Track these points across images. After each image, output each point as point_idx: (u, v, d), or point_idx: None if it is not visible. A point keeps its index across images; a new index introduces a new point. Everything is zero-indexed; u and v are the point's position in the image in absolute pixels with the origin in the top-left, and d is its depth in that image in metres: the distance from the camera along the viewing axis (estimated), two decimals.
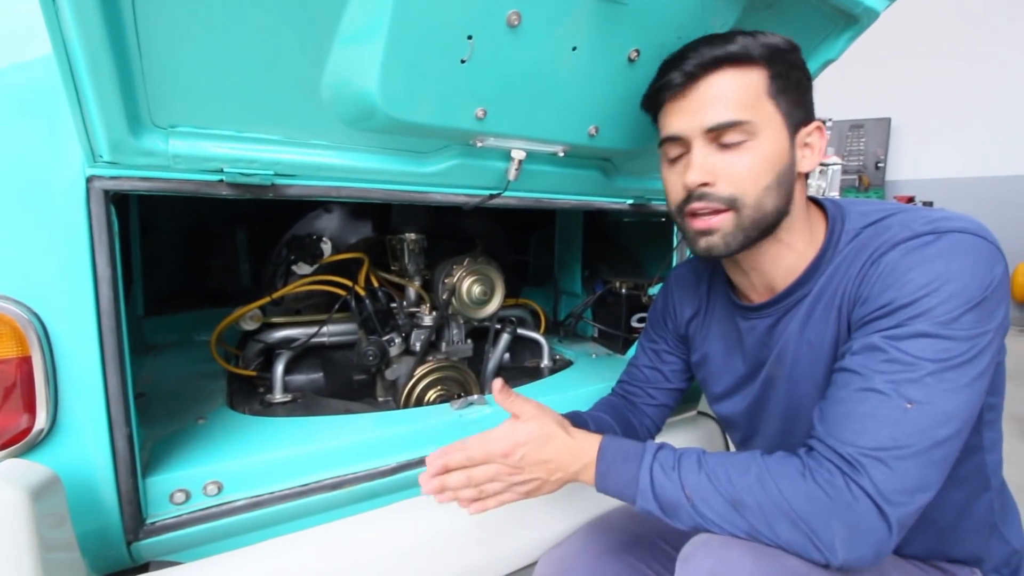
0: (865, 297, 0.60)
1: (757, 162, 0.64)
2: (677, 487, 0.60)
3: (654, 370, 0.93)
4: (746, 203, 0.64)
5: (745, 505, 0.56)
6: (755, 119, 0.63)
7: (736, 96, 0.63)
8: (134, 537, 0.75)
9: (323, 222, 1.28)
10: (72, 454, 0.69)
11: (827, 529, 0.53)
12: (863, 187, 5.62)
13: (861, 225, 0.66)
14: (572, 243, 1.71)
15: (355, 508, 0.90)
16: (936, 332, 0.54)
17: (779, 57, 0.64)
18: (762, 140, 0.64)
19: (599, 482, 0.65)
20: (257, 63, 0.65)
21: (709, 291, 0.85)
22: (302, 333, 1.20)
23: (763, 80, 0.63)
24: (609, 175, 1.07)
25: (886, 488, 0.52)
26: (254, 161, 0.73)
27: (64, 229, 0.66)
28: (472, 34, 0.67)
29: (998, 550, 0.70)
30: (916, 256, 0.57)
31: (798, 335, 0.69)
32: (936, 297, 0.55)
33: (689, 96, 0.66)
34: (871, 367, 0.56)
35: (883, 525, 0.52)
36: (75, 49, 0.54)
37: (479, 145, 0.82)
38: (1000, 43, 4.91)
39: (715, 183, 0.65)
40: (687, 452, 0.63)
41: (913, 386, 0.54)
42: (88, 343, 0.68)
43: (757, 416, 0.78)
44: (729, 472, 0.58)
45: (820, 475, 0.54)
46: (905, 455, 0.52)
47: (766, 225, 0.66)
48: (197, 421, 0.94)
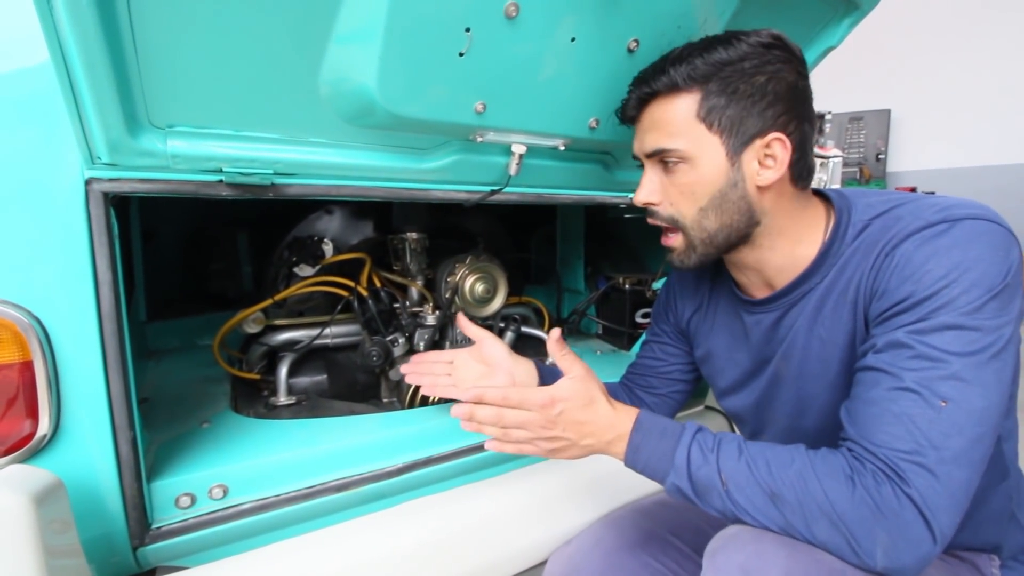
0: (882, 291, 0.59)
1: (690, 185, 0.66)
2: (713, 469, 0.58)
3: (658, 361, 0.93)
4: (685, 224, 0.68)
5: (784, 499, 0.55)
6: (683, 145, 0.65)
7: (666, 124, 0.66)
8: (140, 542, 0.74)
9: (324, 223, 1.28)
10: (76, 459, 0.69)
11: (869, 536, 0.51)
12: (864, 179, 5.60)
13: (869, 216, 0.64)
14: (574, 240, 1.70)
15: (362, 509, 0.89)
16: (961, 323, 0.53)
17: (721, 73, 0.63)
18: (697, 163, 0.65)
19: (630, 454, 0.64)
20: (254, 61, 0.64)
21: (712, 286, 0.85)
22: (305, 335, 1.19)
23: (693, 105, 0.64)
24: (610, 169, 1.07)
25: (932, 497, 0.50)
26: (253, 160, 0.72)
27: (64, 232, 0.65)
28: (470, 26, 0.67)
29: (1016, 538, 0.70)
30: (931, 246, 0.56)
31: (807, 330, 0.68)
32: (957, 287, 0.54)
33: (639, 121, 0.71)
34: (899, 364, 0.55)
35: (928, 536, 0.50)
36: (71, 49, 0.53)
37: (479, 140, 0.82)
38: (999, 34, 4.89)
39: (659, 203, 0.70)
40: (727, 437, 0.62)
41: (945, 383, 0.52)
42: (90, 347, 0.68)
43: (765, 411, 0.77)
44: (770, 463, 0.57)
45: (867, 480, 0.52)
46: (946, 458, 0.51)
47: (720, 242, 0.68)
48: (201, 425, 0.94)
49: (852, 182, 5.56)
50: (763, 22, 0.89)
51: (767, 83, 0.63)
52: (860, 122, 5.66)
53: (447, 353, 0.96)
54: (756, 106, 0.63)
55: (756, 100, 0.63)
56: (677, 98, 0.65)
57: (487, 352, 0.88)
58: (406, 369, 0.96)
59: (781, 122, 0.64)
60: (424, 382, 0.92)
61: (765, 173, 0.65)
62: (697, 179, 0.66)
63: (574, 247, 1.71)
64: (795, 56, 0.65)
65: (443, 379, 0.92)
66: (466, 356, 0.93)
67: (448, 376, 0.92)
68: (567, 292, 1.77)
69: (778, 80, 0.63)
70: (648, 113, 0.69)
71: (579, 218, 1.69)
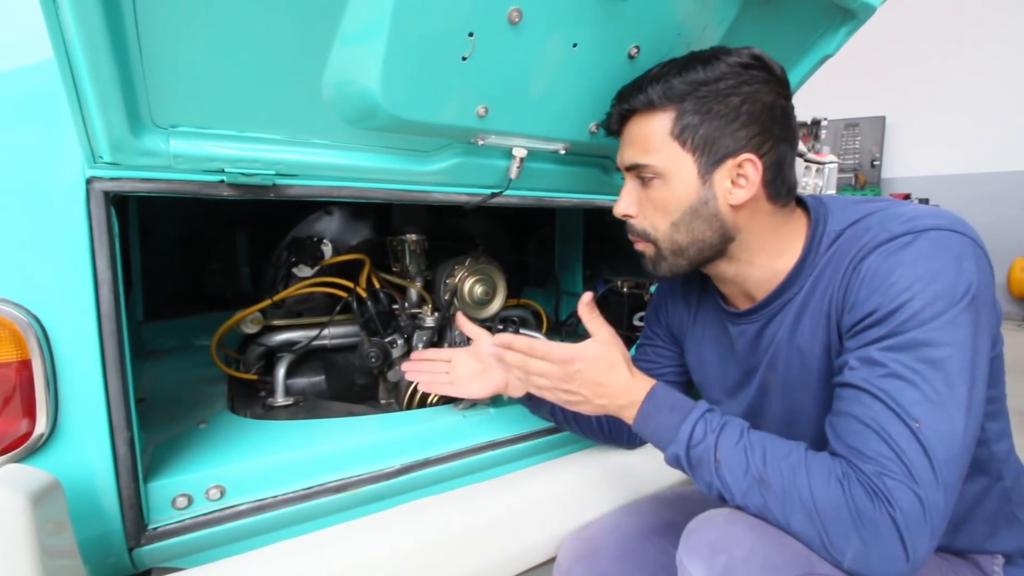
0: (852, 304, 0.60)
1: (662, 200, 0.68)
2: (711, 446, 0.62)
3: (651, 363, 0.94)
4: (657, 237, 0.71)
5: (769, 485, 0.57)
6: (656, 162, 0.67)
7: (642, 140, 0.69)
8: (136, 543, 0.74)
9: (323, 224, 1.28)
10: (73, 459, 0.69)
11: (843, 537, 0.53)
12: (859, 185, 5.65)
13: (843, 225, 0.65)
14: (573, 243, 1.71)
15: (360, 511, 0.89)
16: (928, 339, 0.54)
17: (696, 93, 0.64)
18: (669, 179, 0.67)
19: (638, 420, 0.68)
20: (258, 62, 0.64)
21: (700, 296, 0.86)
22: (303, 336, 1.19)
23: (667, 122, 0.66)
24: (609, 173, 1.07)
25: (915, 522, 0.51)
26: (256, 161, 0.72)
27: (64, 231, 0.65)
28: (473, 31, 0.67)
29: (1019, 537, 0.70)
30: (896, 259, 0.57)
31: (788, 341, 0.69)
32: (920, 299, 0.55)
33: (622, 136, 0.73)
34: (874, 383, 0.56)
35: (902, 555, 0.52)
36: (75, 48, 0.53)
37: (480, 143, 0.82)
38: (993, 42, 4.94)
39: (636, 215, 0.73)
40: (733, 421, 0.64)
41: (918, 404, 0.53)
42: (89, 346, 0.68)
43: (755, 421, 0.77)
44: (766, 451, 0.59)
45: (856, 490, 0.54)
46: (924, 480, 0.52)
47: (691, 255, 0.70)
48: (198, 425, 0.93)
49: (847, 188, 5.61)
50: (762, 30, 0.90)
51: (741, 104, 0.64)
52: (856, 128, 5.71)
53: (446, 352, 0.99)
54: (729, 127, 0.64)
55: (730, 120, 0.64)
56: (653, 116, 0.67)
57: (483, 350, 0.92)
58: (406, 367, 1.00)
59: (755, 143, 0.65)
60: (423, 379, 0.96)
61: (737, 192, 0.66)
62: (669, 195, 0.68)
63: (572, 250, 1.72)
64: (775, 76, 0.66)
65: (441, 377, 0.96)
66: (464, 355, 0.97)
67: (446, 374, 0.96)
68: (565, 295, 1.77)
69: (753, 101, 0.64)
70: (628, 128, 0.71)
71: (578, 221, 1.69)
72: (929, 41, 5.31)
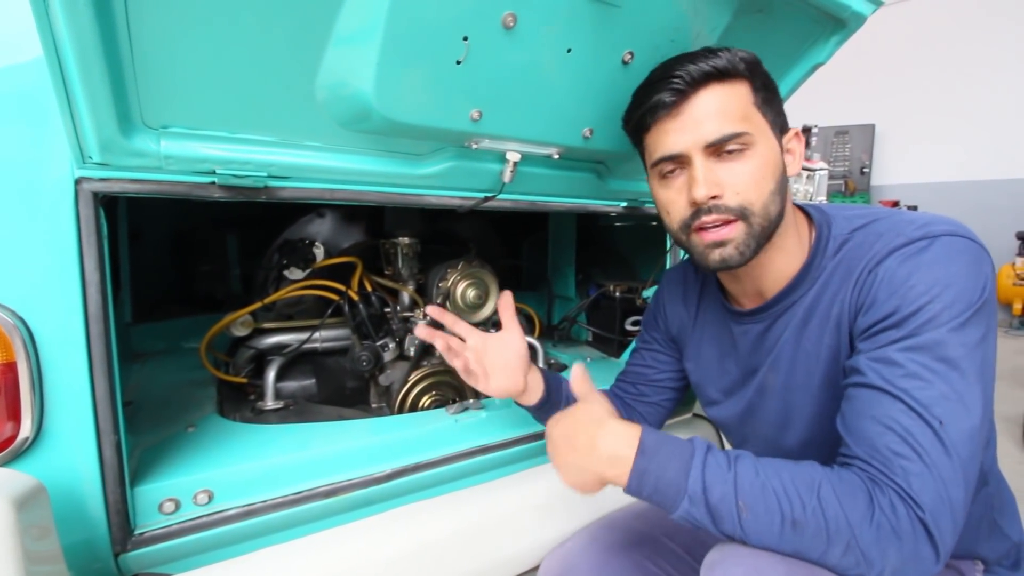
0: (868, 306, 0.60)
1: (759, 169, 0.65)
2: (730, 493, 0.55)
3: (648, 368, 0.93)
4: (754, 211, 0.65)
5: (804, 528, 0.53)
6: (750, 129, 0.65)
7: (730, 109, 0.65)
8: (122, 548, 0.73)
9: (315, 226, 1.27)
10: (58, 463, 0.68)
11: (882, 557, 0.52)
12: (849, 192, 5.71)
13: (848, 230, 0.66)
14: (565, 247, 1.71)
15: (350, 516, 0.88)
16: (946, 340, 0.54)
17: (757, 70, 0.67)
18: (759, 148, 0.65)
19: (634, 481, 0.58)
20: (251, 63, 0.64)
21: (700, 296, 0.86)
22: (294, 339, 1.18)
23: (749, 92, 0.66)
24: (603, 178, 1.08)
25: (941, 519, 0.51)
26: (247, 163, 0.72)
27: (51, 232, 0.65)
28: (467, 35, 0.67)
29: (998, 544, 0.71)
30: (914, 262, 0.58)
31: (794, 343, 0.69)
32: (940, 303, 0.55)
33: (683, 114, 0.65)
34: (893, 383, 0.55)
35: (933, 555, 0.52)
36: (65, 46, 0.53)
37: (474, 147, 0.82)
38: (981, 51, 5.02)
39: (723, 195, 0.65)
40: (741, 455, 0.58)
41: (938, 403, 0.53)
42: (75, 349, 0.67)
43: (749, 421, 0.78)
44: (787, 487, 0.54)
45: (884, 503, 0.52)
46: (946, 478, 0.52)
47: (772, 230, 0.67)
48: (187, 429, 0.92)
49: (837, 195, 5.67)
50: (753, 38, 0.91)
51: (775, 88, 0.69)
52: (845, 136, 5.77)
53: (466, 329, 0.85)
54: (779, 104, 0.69)
55: (777, 100, 0.69)
56: (734, 84, 0.65)
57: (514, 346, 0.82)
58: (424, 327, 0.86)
59: (785, 121, 0.70)
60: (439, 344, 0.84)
61: (793, 162, 0.70)
62: (763, 163, 0.65)
63: (565, 254, 1.72)
64: None
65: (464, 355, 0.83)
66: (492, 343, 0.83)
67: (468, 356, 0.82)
68: (558, 299, 1.77)
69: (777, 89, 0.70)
70: (699, 101, 0.64)
71: (571, 225, 1.70)
72: (919, 50, 5.39)
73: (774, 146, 0.67)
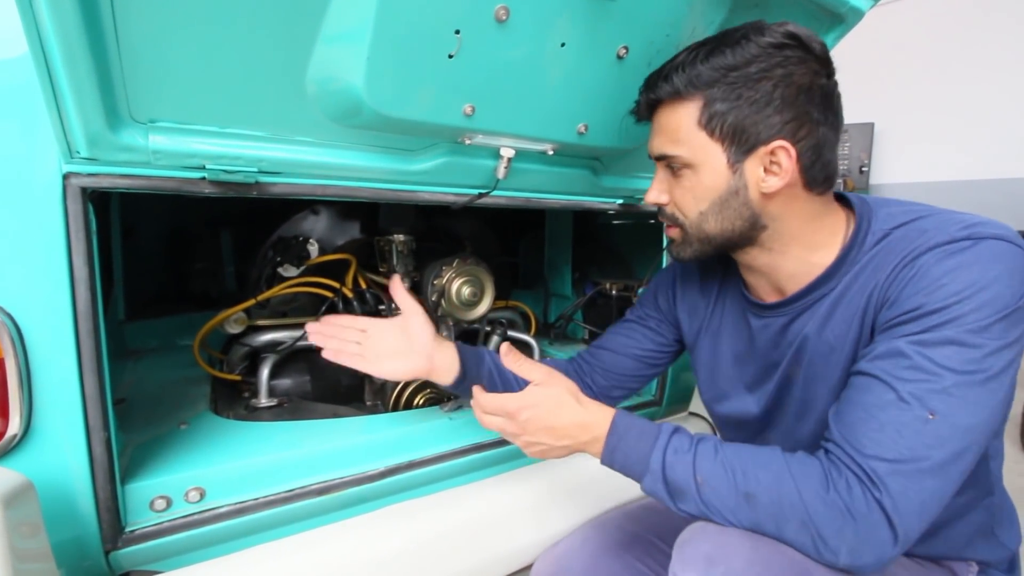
0: (894, 300, 0.58)
1: (692, 190, 0.67)
2: (689, 471, 0.59)
3: (629, 340, 0.91)
4: (687, 226, 0.70)
5: (757, 500, 0.56)
6: (683, 152, 0.66)
7: (669, 131, 0.67)
8: (112, 546, 0.72)
9: (310, 223, 1.27)
10: (47, 460, 0.67)
11: (836, 536, 0.53)
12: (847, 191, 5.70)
13: (889, 226, 0.63)
14: (562, 245, 1.71)
15: (343, 513, 0.88)
16: (964, 340, 0.53)
17: (725, 79, 0.61)
18: (698, 169, 0.66)
19: (606, 455, 0.65)
20: (239, 57, 0.63)
21: (720, 288, 0.83)
22: (288, 336, 1.17)
23: (694, 112, 0.64)
24: (598, 174, 1.07)
25: (902, 503, 0.51)
26: (237, 158, 0.71)
27: (40, 228, 0.64)
28: (459, 28, 0.67)
29: (995, 552, 0.71)
30: (952, 261, 0.56)
31: (816, 334, 0.67)
32: (968, 304, 0.53)
33: (652, 124, 0.71)
34: (894, 373, 0.55)
35: (891, 537, 0.52)
36: (50, 39, 0.52)
37: (468, 143, 0.82)
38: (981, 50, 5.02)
39: (667, 203, 0.71)
40: (704, 438, 0.62)
41: (936, 396, 0.53)
42: (64, 346, 0.66)
43: (773, 414, 0.76)
44: (746, 465, 0.58)
45: (840, 484, 0.54)
46: (924, 468, 0.52)
47: (719, 243, 0.69)
48: (179, 426, 0.92)
49: None
50: None
51: (774, 88, 0.60)
52: (844, 135, 5.77)
53: (362, 320, 0.85)
54: (761, 113, 0.61)
55: (761, 107, 0.61)
56: (680, 105, 0.65)
57: (413, 329, 0.82)
58: (311, 328, 0.85)
59: (790, 128, 0.61)
60: (330, 346, 0.82)
61: (770, 180, 0.63)
62: (698, 184, 0.66)
63: (562, 252, 1.71)
64: (812, 54, 0.61)
65: (351, 347, 0.82)
66: (385, 327, 0.84)
67: (358, 344, 0.83)
68: (554, 297, 1.77)
69: (788, 84, 0.60)
70: (656, 118, 0.70)
71: (567, 223, 1.69)
72: (918, 48, 5.38)
73: (717, 168, 0.64)
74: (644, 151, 1.04)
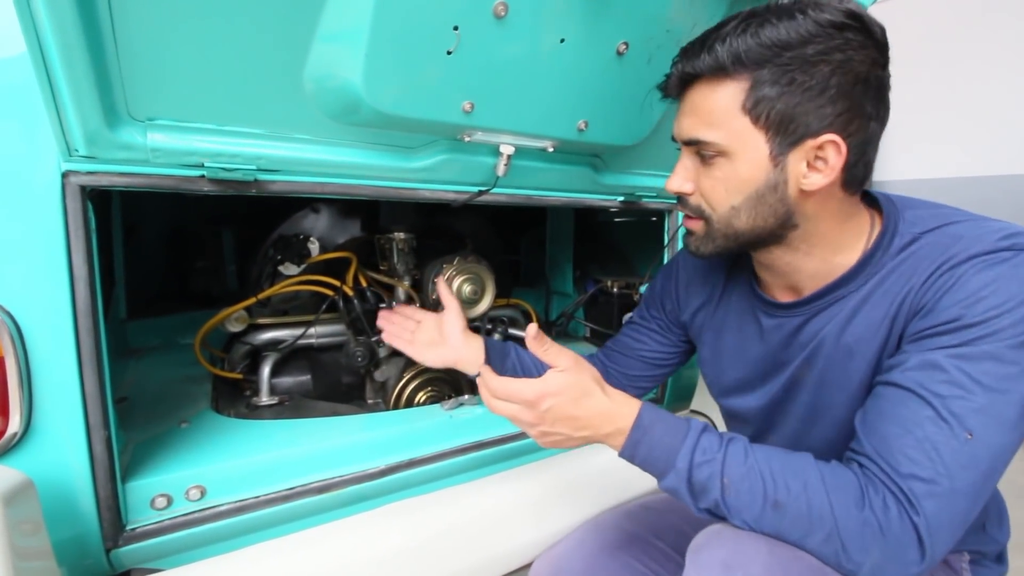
0: (929, 308, 0.55)
1: (724, 181, 0.60)
2: (717, 472, 0.56)
3: (640, 344, 0.90)
4: (714, 219, 0.63)
5: (786, 510, 0.53)
6: (721, 139, 0.58)
7: (705, 112, 0.59)
8: (113, 544, 0.72)
9: (310, 222, 1.26)
10: (48, 458, 0.67)
11: (862, 551, 0.51)
12: None
13: (919, 231, 0.60)
14: (563, 243, 1.70)
15: (344, 511, 0.88)
16: (1002, 356, 0.51)
17: (777, 59, 0.54)
18: (735, 158, 0.59)
19: (627, 448, 0.61)
20: (237, 54, 0.63)
21: (727, 279, 0.80)
22: (289, 334, 1.18)
23: (739, 93, 0.56)
24: (599, 171, 1.07)
25: (935, 525, 0.50)
26: (236, 155, 0.71)
27: (39, 226, 0.64)
28: (458, 25, 0.66)
29: (986, 545, 0.70)
30: (991, 273, 0.53)
31: (835, 338, 0.64)
32: (1007, 319, 0.51)
33: (683, 101, 0.63)
34: (930, 388, 0.52)
35: (919, 559, 0.50)
36: (47, 37, 0.52)
37: (467, 140, 0.81)
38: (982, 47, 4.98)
39: (691, 192, 0.64)
40: (735, 439, 0.59)
41: (973, 416, 0.51)
42: (64, 344, 0.66)
43: (775, 415, 0.74)
44: (776, 471, 0.55)
45: (877, 503, 0.51)
46: (958, 489, 0.50)
47: (744, 240, 0.63)
48: (180, 425, 0.92)
49: None
50: None
51: (831, 74, 0.54)
52: None
53: (420, 313, 1.02)
54: (814, 101, 0.55)
55: (815, 95, 0.54)
56: (721, 84, 0.57)
57: (445, 323, 0.95)
58: (382, 315, 1.04)
59: (841, 121, 0.55)
60: (390, 331, 1.01)
61: (813, 177, 0.58)
62: (733, 175, 0.59)
63: (563, 250, 1.71)
64: (873, 39, 0.55)
65: (406, 334, 0.99)
66: (430, 320, 0.98)
67: (411, 332, 0.98)
68: (555, 295, 1.77)
69: (846, 71, 0.54)
70: (690, 96, 0.61)
71: (568, 221, 1.69)
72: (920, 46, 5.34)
73: (759, 159, 0.58)
74: (645, 148, 1.03)
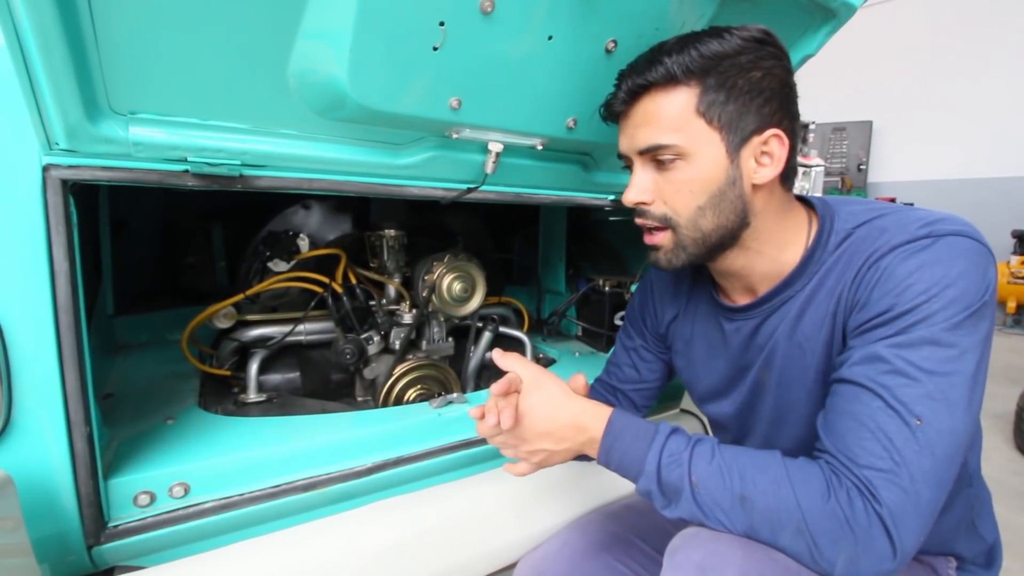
0: (864, 302, 0.59)
1: (688, 183, 0.64)
2: (684, 472, 0.58)
3: (632, 368, 0.91)
4: (680, 223, 0.66)
5: (753, 504, 0.55)
6: (681, 141, 0.62)
7: (661, 118, 0.63)
8: (95, 541, 0.72)
9: (300, 218, 1.26)
10: (27, 455, 0.67)
11: (833, 547, 0.52)
12: (845, 189, 5.70)
13: (851, 225, 0.64)
14: (556, 241, 1.70)
15: (330, 509, 0.88)
16: (938, 339, 0.53)
17: (719, 67, 0.61)
18: (694, 160, 0.63)
19: (602, 455, 0.64)
20: (220, 47, 0.63)
21: (691, 291, 0.83)
22: (278, 331, 1.17)
23: (692, 98, 0.61)
24: (589, 170, 1.06)
25: (901, 517, 0.51)
26: (220, 150, 0.70)
27: (19, 221, 0.63)
28: (444, 20, 0.66)
29: (974, 545, 0.71)
30: (915, 260, 0.56)
31: (787, 338, 0.67)
32: (937, 303, 0.54)
33: (628, 117, 0.67)
34: (876, 379, 0.55)
35: (890, 553, 0.51)
36: (25, 28, 0.51)
37: (455, 137, 0.81)
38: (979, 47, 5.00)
39: (652, 202, 0.67)
40: (702, 439, 0.61)
41: (921, 402, 0.52)
42: (45, 339, 0.66)
43: (747, 419, 0.76)
44: (744, 468, 0.57)
45: (841, 494, 0.53)
46: (917, 477, 0.51)
47: (712, 243, 0.66)
48: (165, 421, 0.91)
49: (833, 191, 5.66)
50: None
51: (763, 78, 0.61)
52: (843, 132, 5.76)
53: None
54: (755, 101, 0.61)
55: (755, 95, 0.61)
56: (674, 91, 0.62)
57: None
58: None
59: (778, 118, 0.63)
60: None
61: (762, 171, 0.63)
62: (696, 176, 0.63)
63: (556, 248, 1.71)
64: (785, 54, 0.64)
65: None
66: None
67: None
68: (548, 293, 1.76)
69: (773, 76, 0.62)
70: (640, 107, 0.65)
71: (561, 219, 1.68)
72: (917, 46, 5.37)
73: (716, 157, 0.62)
74: None
